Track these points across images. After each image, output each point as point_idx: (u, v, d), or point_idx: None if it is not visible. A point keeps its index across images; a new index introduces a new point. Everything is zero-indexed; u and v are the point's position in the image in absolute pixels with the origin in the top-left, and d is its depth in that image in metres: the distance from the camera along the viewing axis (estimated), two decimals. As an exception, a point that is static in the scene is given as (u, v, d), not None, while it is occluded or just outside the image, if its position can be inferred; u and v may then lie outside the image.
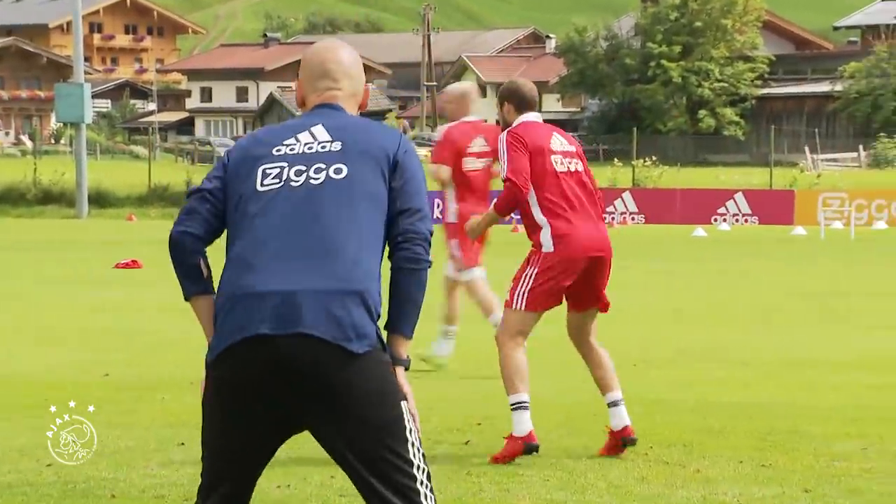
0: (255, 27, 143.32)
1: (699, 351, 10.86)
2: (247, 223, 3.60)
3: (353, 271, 3.48)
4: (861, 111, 68.96)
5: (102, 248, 26.24)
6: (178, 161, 72.47)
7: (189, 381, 9.17)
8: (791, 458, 6.73)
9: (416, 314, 3.58)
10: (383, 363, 3.51)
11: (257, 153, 3.67)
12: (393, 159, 3.61)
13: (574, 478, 6.30)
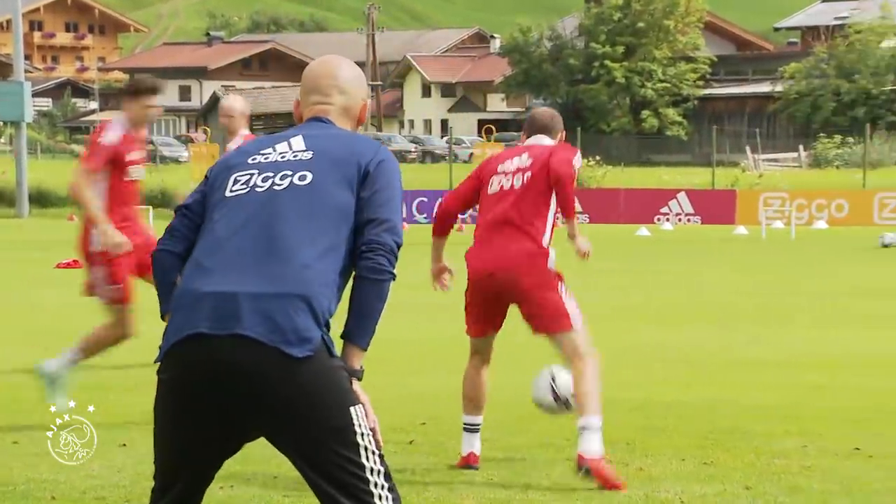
0: (197, 26, 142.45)
1: (642, 350, 10.92)
2: (209, 227, 3.63)
3: (300, 275, 3.47)
4: (801, 112, 69.63)
5: (43, 247, 25.98)
6: (120, 160, 71.76)
7: (133, 382, 9.10)
8: (732, 455, 6.78)
9: (373, 326, 3.55)
10: (329, 369, 3.48)
11: (234, 162, 3.73)
12: (364, 169, 3.62)
13: (517, 477, 6.32)
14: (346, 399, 3.50)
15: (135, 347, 11.09)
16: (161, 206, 42.12)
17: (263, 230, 3.53)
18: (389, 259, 3.57)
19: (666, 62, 76.06)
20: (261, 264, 3.49)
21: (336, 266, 3.53)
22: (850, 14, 75.05)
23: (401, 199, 3.70)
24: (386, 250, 3.56)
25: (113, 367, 9.89)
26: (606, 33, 76.58)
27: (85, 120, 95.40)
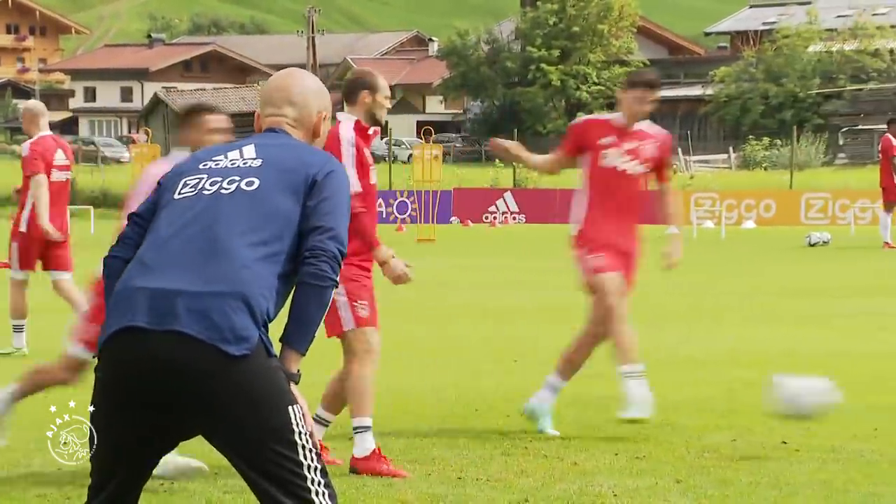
0: (139, 28, 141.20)
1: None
2: (153, 227, 3.63)
3: (239, 275, 3.46)
4: (731, 114, 70.28)
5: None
6: (61, 161, 71.03)
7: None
8: (664, 449, 6.83)
9: (311, 331, 3.53)
10: (267, 368, 3.46)
11: (185, 168, 3.73)
12: (312, 179, 3.62)
13: (454, 472, 6.33)
14: (283, 398, 3.48)
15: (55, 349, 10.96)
16: (103, 206, 41.74)
17: (205, 231, 3.53)
18: (332, 266, 3.55)
19: (600, 66, 76.50)
20: (200, 263, 3.48)
21: (276, 270, 3.52)
22: (777, 20, 75.86)
23: (347, 211, 3.67)
24: (329, 257, 3.54)
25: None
26: (542, 37, 76.86)
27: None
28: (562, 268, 20.64)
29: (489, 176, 44.06)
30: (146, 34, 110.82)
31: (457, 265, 21.32)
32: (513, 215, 38.66)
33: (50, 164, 10.44)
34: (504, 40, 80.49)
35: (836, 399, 6.60)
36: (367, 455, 6.31)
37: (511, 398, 8.31)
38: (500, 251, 25.42)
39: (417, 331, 12.22)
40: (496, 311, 13.98)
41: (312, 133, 3.85)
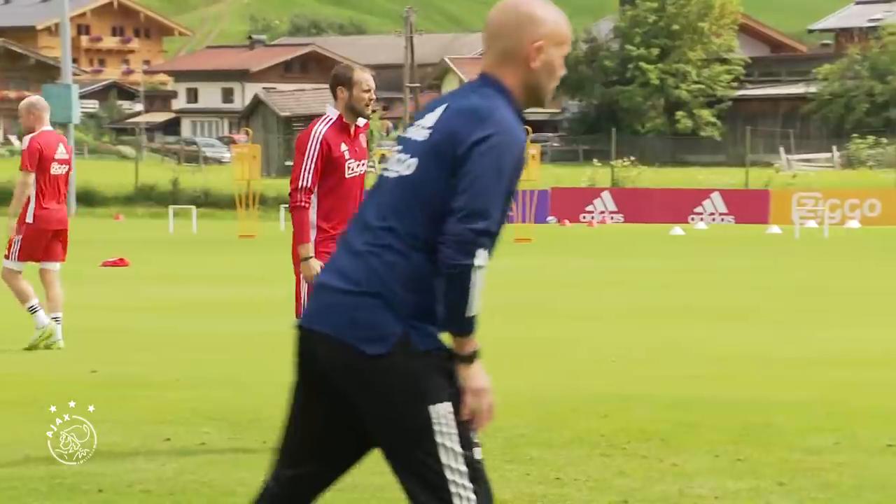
0: (240, 29, 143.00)
1: (675, 347, 10.88)
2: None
3: (377, 269, 3.38)
4: (834, 112, 69.16)
5: (90, 246, 26.17)
6: (164, 161, 72.27)
7: (175, 378, 9.15)
8: (765, 451, 6.75)
9: (455, 313, 3.38)
10: (405, 367, 3.36)
11: (404, 134, 3.56)
12: (459, 153, 3.35)
13: (553, 472, 6.31)
14: (422, 398, 3.37)
15: (176, 344, 11.17)
16: (204, 205, 42.38)
17: (366, 223, 3.45)
18: (457, 249, 3.33)
19: (700, 64, 75.74)
20: (350, 258, 3.42)
21: (425, 260, 3.37)
22: (883, 16, 74.46)
23: (498, 183, 3.37)
24: (454, 241, 3.33)
25: (156, 362, 9.95)
26: (641, 35, 76.33)
27: (131, 122, 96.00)
28: (659, 267, 20.52)
29: (586, 175, 43.86)
30: (247, 35, 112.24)
31: (554, 265, 21.26)
32: (611, 214, 38.45)
33: (50, 158, 10.82)
34: (602, 39, 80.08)
35: None
36: None
37: (609, 398, 8.27)
38: (597, 251, 25.29)
39: (514, 330, 12.21)
40: (593, 311, 13.92)
41: (525, 67, 3.46)
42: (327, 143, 6.77)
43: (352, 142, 6.86)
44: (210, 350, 10.68)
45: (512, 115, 3.46)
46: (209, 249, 26.10)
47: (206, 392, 8.55)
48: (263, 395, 8.42)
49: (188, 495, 5.84)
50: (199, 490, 5.93)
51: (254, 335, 11.67)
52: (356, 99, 6.83)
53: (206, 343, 11.14)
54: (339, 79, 6.89)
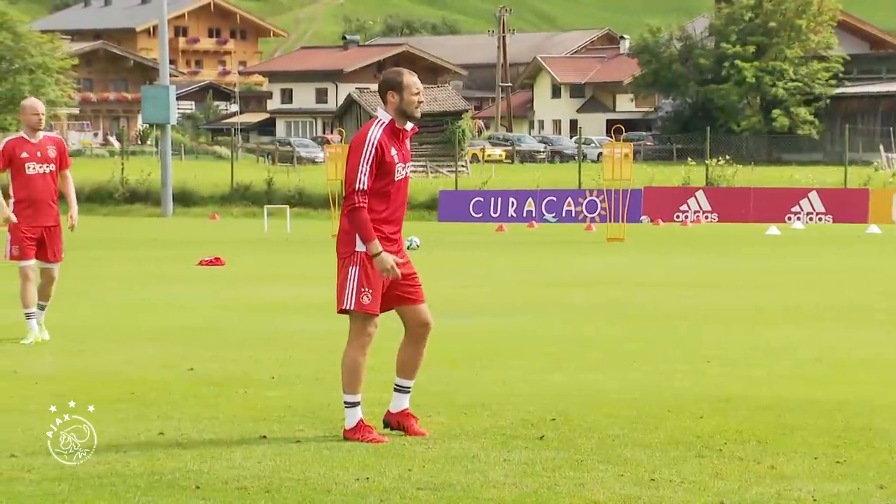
0: (334, 30, 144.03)
1: (773, 348, 10.73)
2: None
3: None
4: (936, 110, 67.79)
5: (186, 245, 26.53)
6: (259, 161, 73.07)
7: (270, 376, 9.24)
8: (866, 454, 6.63)
9: None
10: None
11: None
12: None
13: (647, 473, 6.26)
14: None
15: (272, 342, 11.27)
16: (298, 205, 42.75)
17: None
18: None
19: (797, 61, 74.71)
20: None
21: None
22: None
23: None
24: None
25: (252, 360, 10.06)
26: (737, 33, 75.49)
27: (226, 122, 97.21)
28: (754, 267, 20.27)
29: (680, 174, 43.47)
30: (341, 36, 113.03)
31: (647, 264, 21.11)
32: (705, 214, 38.08)
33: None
34: (697, 37, 79.33)
35: None
36: (354, 426, 6.96)
37: (704, 399, 8.18)
38: (691, 250, 25.05)
39: (609, 330, 12.14)
40: (688, 311, 13.79)
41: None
42: (381, 147, 6.91)
43: (401, 145, 7.02)
44: (304, 349, 10.77)
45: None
46: (303, 249, 26.32)
47: (300, 390, 8.62)
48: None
49: (283, 492, 5.89)
50: (294, 487, 5.98)
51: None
52: (406, 103, 6.94)
53: (300, 342, 11.23)
54: (390, 83, 6.99)
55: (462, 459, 6.50)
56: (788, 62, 74.23)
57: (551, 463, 6.43)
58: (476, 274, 19.48)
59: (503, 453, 6.63)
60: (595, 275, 19.17)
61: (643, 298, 15.35)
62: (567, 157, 74.95)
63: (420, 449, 6.76)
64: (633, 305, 14.55)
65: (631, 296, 15.63)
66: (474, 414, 7.70)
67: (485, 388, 8.70)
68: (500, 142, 79.38)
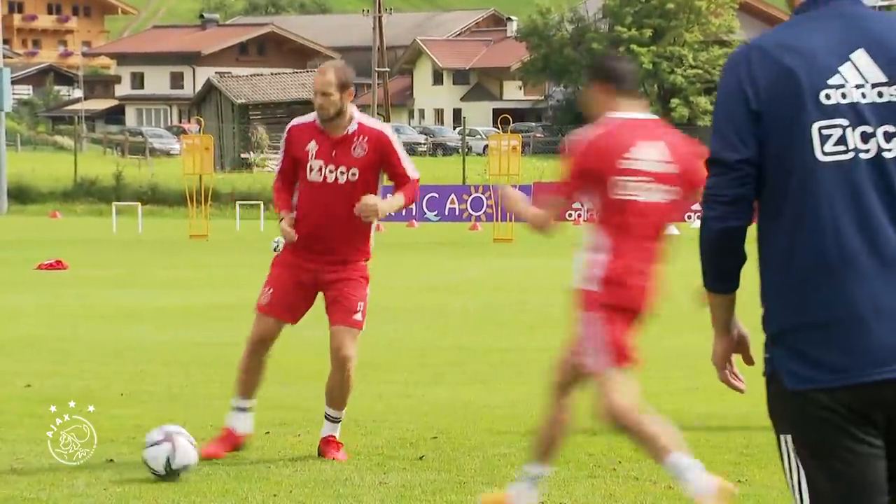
0: (190, 7, 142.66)
1: (672, 358, 10.91)
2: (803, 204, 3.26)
3: None
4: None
5: (23, 247, 26.05)
6: (106, 153, 72.11)
7: (119, 393, 9.12)
8: (769, 472, 6.78)
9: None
10: None
11: (801, 98, 3.21)
12: None
13: (538, 494, 6.32)
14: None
15: (121, 355, 11.13)
16: (151, 202, 42.27)
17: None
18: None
19: (697, 46, 76.01)
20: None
21: None
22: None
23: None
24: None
25: (98, 375, 9.92)
26: (633, 15, 76.57)
27: (69, 109, 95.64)
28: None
29: (573, 169, 43.89)
30: (198, 14, 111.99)
31: (536, 267, 21.30)
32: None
33: None
34: (590, 19, 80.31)
35: None
36: (218, 437, 7.21)
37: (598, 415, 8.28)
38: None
39: (493, 339, 12.22)
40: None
41: None
42: (291, 135, 7.17)
43: (332, 146, 7.00)
44: (157, 362, 10.65)
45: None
46: (156, 251, 26.03)
47: (152, 408, 8.53)
48: (214, 410, 8.41)
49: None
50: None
51: (204, 345, 11.65)
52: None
53: (152, 354, 11.11)
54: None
55: (333, 483, 6.49)
56: (688, 47, 75.52)
57: (432, 486, 6.46)
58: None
59: (379, 476, 6.64)
60: (479, 279, 19.29)
61: (530, 304, 15.48)
62: (450, 150, 75.33)
63: (287, 472, 6.74)
64: (520, 312, 14.67)
65: (517, 302, 15.76)
66: (347, 433, 7.70)
67: (359, 404, 8.70)
68: (375, 132, 79.43)
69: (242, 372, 7.23)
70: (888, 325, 3.16)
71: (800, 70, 3.19)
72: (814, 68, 3.20)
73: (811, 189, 3.18)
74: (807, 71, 3.19)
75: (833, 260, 3.18)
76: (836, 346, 3.18)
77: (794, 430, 3.29)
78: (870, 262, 3.17)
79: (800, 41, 3.22)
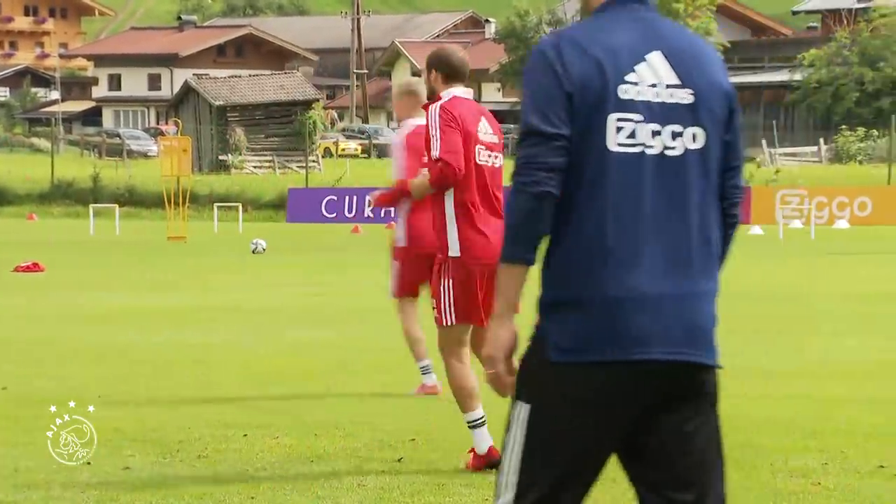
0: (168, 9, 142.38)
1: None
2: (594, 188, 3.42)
3: None
4: (821, 102, 69.75)
5: (0, 249, 25.96)
6: (83, 155, 71.89)
7: (96, 395, 9.09)
8: (746, 474, 6.80)
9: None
10: None
11: (603, 90, 3.37)
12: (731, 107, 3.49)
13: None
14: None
15: (99, 357, 11.10)
16: (128, 204, 42.16)
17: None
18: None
19: (675, 48, 76.10)
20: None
21: None
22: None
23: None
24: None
25: (75, 377, 9.89)
26: (611, 17, 76.55)
27: (46, 111, 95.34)
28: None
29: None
30: (176, 16, 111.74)
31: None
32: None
33: None
34: (568, 21, 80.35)
35: None
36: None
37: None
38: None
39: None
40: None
41: None
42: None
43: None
44: (135, 364, 10.63)
45: None
46: (134, 253, 25.96)
47: (130, 411, 8.51)
48: (193, 413, 8.40)
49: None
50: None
51: (184, 347, 11.63)
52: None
53: (130, 356, 11.09)
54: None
55: (312, 485, 6.49)
56: (666, 49, 75.72)
57: (410, 488, 6.46)
58: (329, 280, 19.45)
59: (357, 478, 6.64)
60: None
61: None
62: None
63: (265, 474, 6.73)
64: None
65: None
66: (326, 435, 7.70)
67: (339, 406, 8.70)
68: (355, 134, 79.36)
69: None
70: (648, 311, 3.31)
71: (605, 62, 3.35)
72: (616, 63, 3.35)
73: (600, 175, 3.33)
74: (610, 64, 3.35)
75: (610, 244, 3.32)
76: (601, 325, 3.31)
77: (541, 396, 3.37)
78: (642, 251, 3.33)
79: (604, 37, 3.38)
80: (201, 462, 7.01)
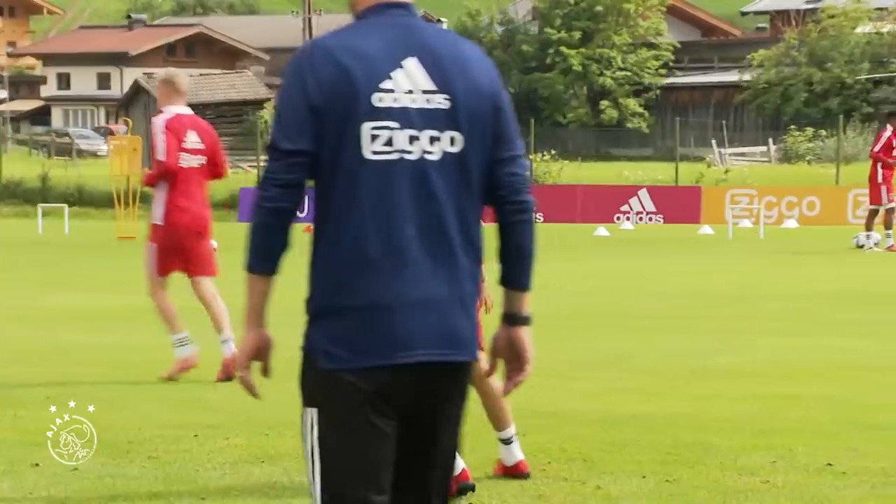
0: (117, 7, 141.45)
1: (601, 359, 10.96)
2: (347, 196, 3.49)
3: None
4: (770, 102, 70.15)
5: (-53, 249, 25.69)
6: (32, 154, 71.25)
7: (44, 396, 9.02)
8: (696, 472, 6.83)
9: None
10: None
11: (356, 103, 3.41)
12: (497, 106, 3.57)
13: (465, 497, 6.32)
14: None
15: (46, 359, 11.01)
16: (78, 204, 41.83)
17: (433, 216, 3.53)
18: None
19: (626, 49, 76.43)
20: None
21: None
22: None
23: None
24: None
25: (24, 378, 9.81)
26: (562, 17, 76.82)
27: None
28: (581, 271, 20.67)
29: (503, 170, 43.99)
30: (125, 14, 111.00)
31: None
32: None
33: None
34: (520, 21, 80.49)
35: None
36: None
37: (528, 414, 8.31)
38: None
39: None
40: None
41: None
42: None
43: None
44: (84, 364, 10.55)
45: None
46: (83, 253, 25.77)
47: (78, 411, 8.44)
48: (142, 413, 8.35)
49: (59, 527, 5.76)
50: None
51: (132, 348, 11.56)
52: None
53: (79, 356, 11.00)
54: None
55: (262, 487, 6.46)
56: (616, 49, 75.90)
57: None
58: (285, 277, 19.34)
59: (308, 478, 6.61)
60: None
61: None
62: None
63: (215, 475, 6.70)
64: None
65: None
66: (277, 435, 7.67)
67: (291, 404, 8.66)
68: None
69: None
70: (411, 315, 3.40)
71: (356, 71, 3.38)
72: (370, 71, 3.39)
73: (356, 185, 3.40)
74: (363, 73, 3.38)
75: (370, 252, 3.41)
76: (366, 331, 3.42)
77: (321, 405, 3.51)
78: (403, 257, 3.40)
79: (360, 44, 3.41)
80: (151, 463, 6.97)
